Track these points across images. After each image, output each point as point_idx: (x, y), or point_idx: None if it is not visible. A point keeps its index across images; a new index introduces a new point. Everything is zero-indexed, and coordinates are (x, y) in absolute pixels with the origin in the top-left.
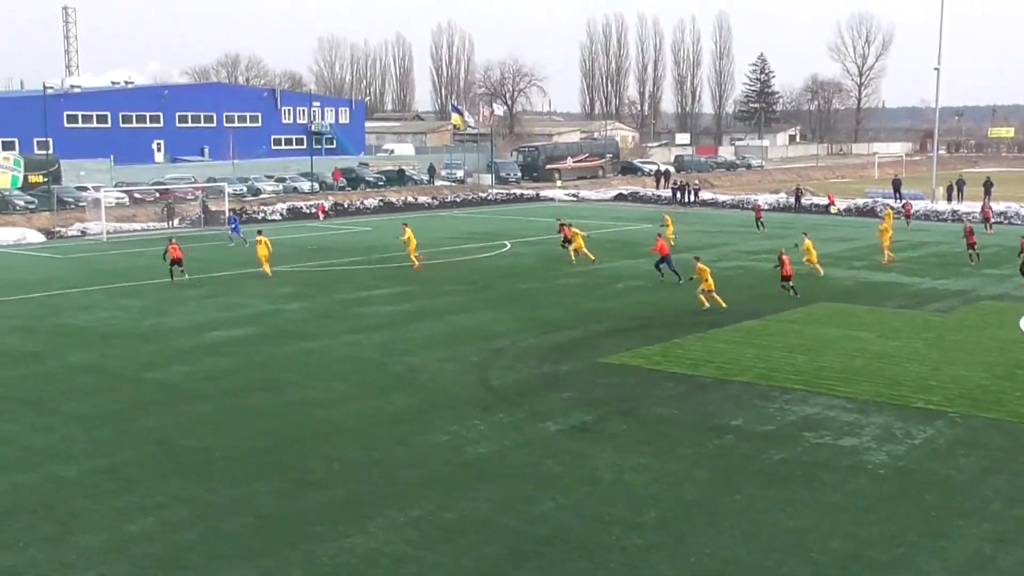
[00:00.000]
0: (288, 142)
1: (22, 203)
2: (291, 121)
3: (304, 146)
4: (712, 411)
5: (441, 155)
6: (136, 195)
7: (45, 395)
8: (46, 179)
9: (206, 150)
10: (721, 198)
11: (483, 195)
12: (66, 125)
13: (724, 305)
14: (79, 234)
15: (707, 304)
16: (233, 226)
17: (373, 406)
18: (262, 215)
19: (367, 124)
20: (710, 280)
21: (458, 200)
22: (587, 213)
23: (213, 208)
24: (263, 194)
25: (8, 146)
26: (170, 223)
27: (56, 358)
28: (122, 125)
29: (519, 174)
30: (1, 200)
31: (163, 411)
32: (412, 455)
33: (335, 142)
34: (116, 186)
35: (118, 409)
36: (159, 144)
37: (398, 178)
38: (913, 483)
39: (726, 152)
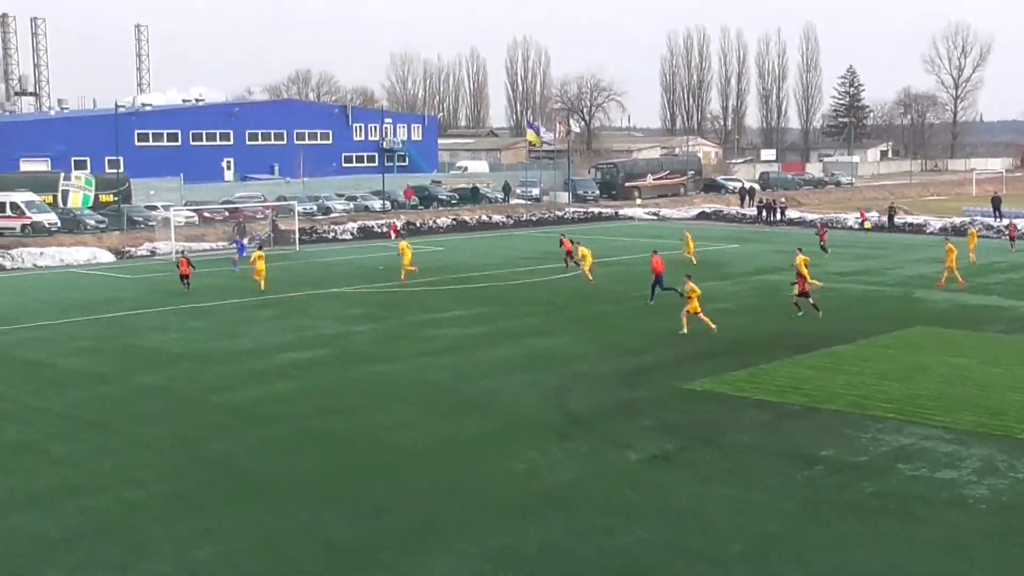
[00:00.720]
0: (359, 159)
1: (93, 222)
2: (362, 138)
3: (376, 163)
4: (800, 440)
5: (516, 172)
6: (205, 214)
7: (113, 417)
8: (116, 198)
9: (276, 168)
10: (809, 216)
11: (560, 214)
12: (137, 143)
13: (713, 327)
14: (148, 254)
15: (686, 329)
16: (240, 251)
17: (445, 431)
18: (332, 234)
19: (440, 141)
20: (696, 302)
21: (534, 219)
22: (668, 232)
23: (283, 227)
24: (334, 212)
25: (80, 165)
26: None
27: (124, 380)
28: (192, 143)
29: (597, 192)
30: (72, 219)
31: (231, 435)
32: (486, 482)
33: (407, 159)
34: (185, 205)
35: (186, 432)
36: (229, 162)
37: (472, 196)
38: (1017, 520)
39: (814, 169)
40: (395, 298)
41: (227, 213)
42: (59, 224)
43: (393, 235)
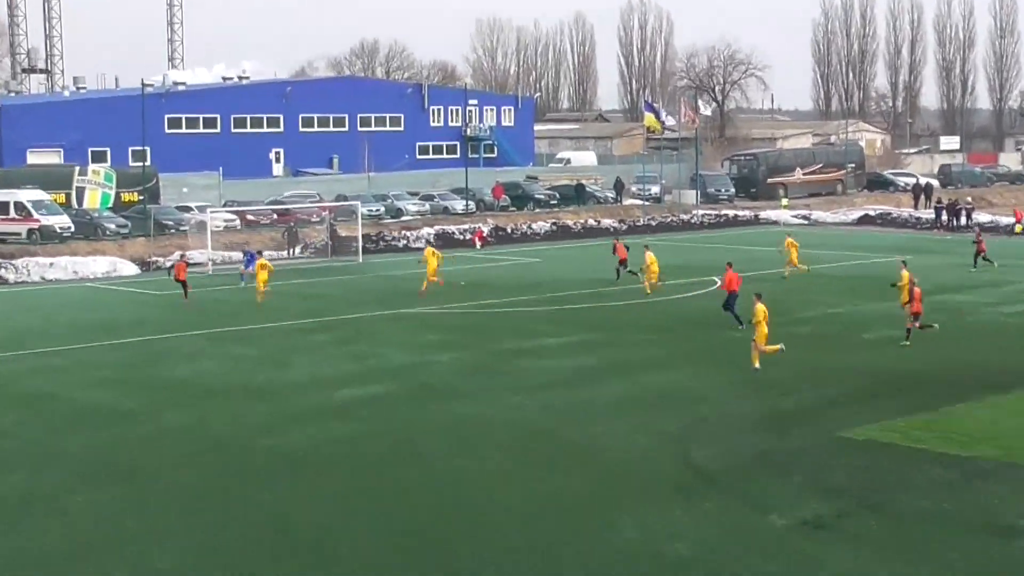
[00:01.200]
0: (438, 150)
1: (113, 227)
2: (441, 123)
3: (457, 155)
4: (995, 506)
5: (631, 166)
6: (249, 217)
7: (139, 463)
8: (142, 197)
9: (335, 160)
10: (1004, 220)
11: (685, 217)
12: (167, 131)
13: (757, 365)
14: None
15: (757, 364)
16: (249, 264)
17: (541, 486)
18: (404, 241)
19: (537, 127)
20: (764, 328)
21: (653, 224)
22: (821, 240)
23: (343, 233)
24: (406, 215)
25: (99, 157)
26: (291, 251)
27: (152, 418)
28: (234, 130)
29: (732, 190)
30: (89, 223)
31: (279, 485)
32: (589, 550)
33: (496, 150)
34: (225, 205)
35: (225, 482)
36: (278, 153)
37: (576, 195)
38: None
39: (1010, 160)
40: (480, 321)
41: (275, 216)
42: (73, 228)
43: (478, 243)
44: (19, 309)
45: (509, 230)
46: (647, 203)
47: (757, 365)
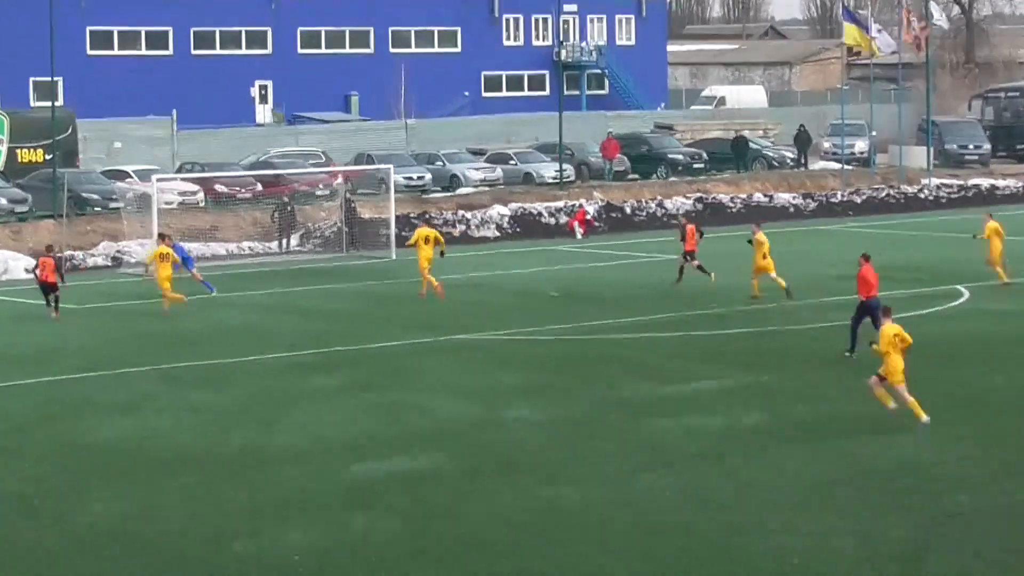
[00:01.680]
0: (513, 83)
1: (4, 202)
2: (521, 42)
3: (546, 91)
4: None
5: (822, 108)
6: (219, 187)
7: None
8: (50, 157)
9: (354, 100)
10: None
11: (910, 190)
12: (89, 52)
13: (892, 404)
14: (109, 263)
15: (891, 403)
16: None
17: None
18: (462, 228)
19: (671, 48)
20: (896, 360)
21: (857, 200)
22: None
23: (366, 214)
24: (464, 187)
25: None
26: (284, 242)
27: (60, 510)
28: (194, 52)
29: (986, 146)
30: None
31: None
32: None
33: (608, 83)
34: (181, 170)
35: None
36: (264, 88)
37: (735, 155)
38: None
39: None
40: (582, 353)
41: (259, 187)
42: None
43: (579, 230)
44: None
45: (628, 210)
46: (849, 168)
47: (892, 405)
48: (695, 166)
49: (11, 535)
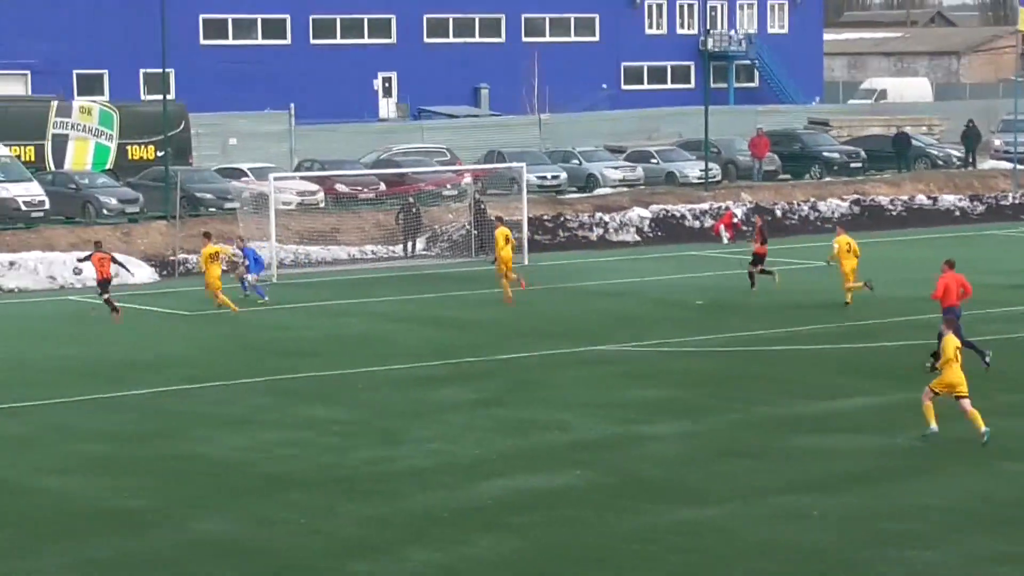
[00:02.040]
0: (655, 76)
1: (114, 202)
2: (664, 30)
3: (691, 84)
4: None
5: (993, 102)
6: (339, 187)
7: None
8: (162, 154)
9: (483, 93)
10: None
11: None
12: (203, 42)
13: (984, 429)
14: (224, 268)
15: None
16: (255, 265)
17: None
18: (600, 231)
19: (829, 36)
20: (953, 373)
21: None
22: None
23: (493, 214)
24: (603, 188)
25: (89, 84)
26: (409, 245)
27: (169, 524)
28: (313, 41)
29: None
30: (75, 196)
31: None
32: None
33: (758, 75)
34: (300, 168)
35: None
36: (387, 80)
37: (896, 153)
38: None
39: None
40: (728, 366)
41: (382, 187)
42: (47, 205)
43: (726, 235)
44: None
45: (778, 212)
46: (1021, 167)
47: (984, 429)
48: (852, 165)
49: (123, 549)
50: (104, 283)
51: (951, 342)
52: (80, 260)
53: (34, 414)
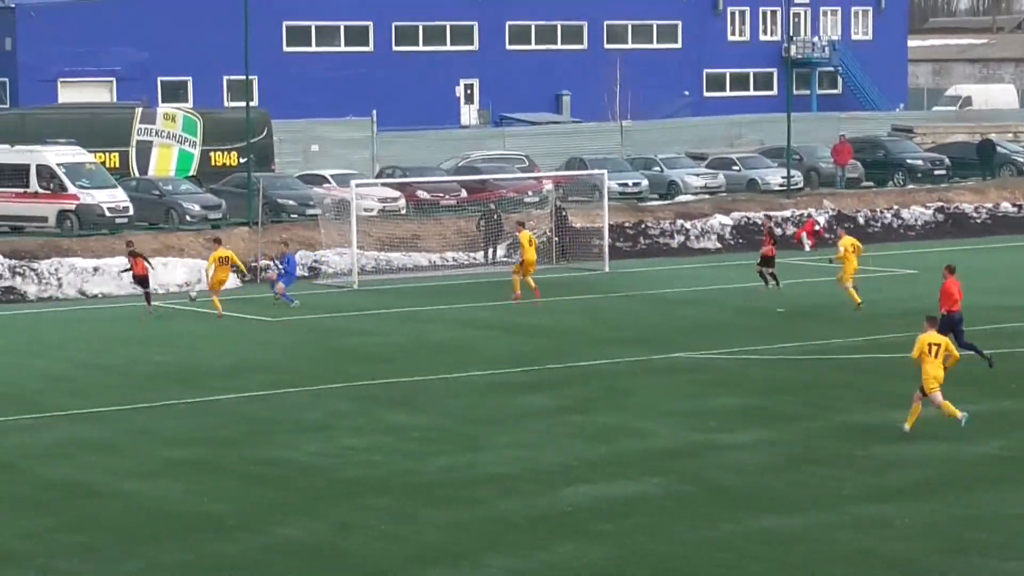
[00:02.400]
0: (738, 82)
1: (197, 208)
2: (747, 37)
3: (774, 91)
4: None
5: None
6: (420, 194)
7: None
8: (245, 160)
9: (565, 100)
10: None
11: None
12: (286, 49)
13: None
14: (305, 274)
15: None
16: (288, 272)
17: None
18: (681, 239)
19: (913, 43)
20: (927, 365)
21: None
22: None
23: (578, 223)
24: (684, 195)
25: (173, 92)
26: (490, 251)
27: (255, 530)
28: (396, 48)
29: None
30: (158, 202)
31: None
32: None
33: (841, 82)
34: (382, 175)
35: None
36: (469, 88)
37: (980, 161)
38: None
39: None
40: (810, 375)
41: (464, 193)
42: (131, 211)
43: (808, 242)
44: (42, 343)
45: (861, 220)
46: None
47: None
48: (936, 173)
49: (205, 553)
50: (142, 280)
51: (926, 338)
52: (123, 271)
53: (117, 419)
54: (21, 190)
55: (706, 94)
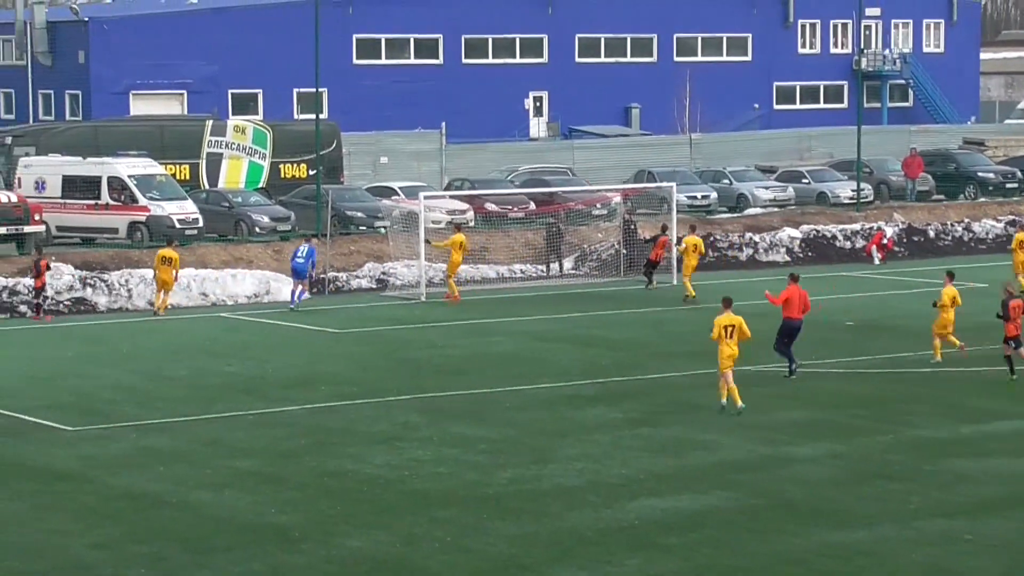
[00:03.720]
0: (808, 94)
1: (267, 220)
2: (817, 49)
3: (844, 103)
4: None
5: None
6: (489, 206)
7: None
8: (315, 172)
9: (634, 112)
10: None
11: None
12: (355, 62)
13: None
14: (374, 286)
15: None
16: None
17: None
18: (749, 252)
19: (984, 55)
20: (722, 345)
21: None
22: None
23: (646, 234)
24: (753, 208)
25: (244, 104)
26: (555, 264)
27: (323, 541)
28: (465, 61)
29: None
30: (228, 214)
31: None
32: None
33: (912, 95)
34: (449, 187)
35: None
36: (538, 100)
37: None
38: None
39: None
40: (879, 388)
41: (532, 206)
42: (201, 223)
43: (877, 255)
44: (111, 353)
45: (931, 233)
46: None
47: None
48: (1008, 186)
49: (274, 563)
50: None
51: (722, 320)
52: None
53: (186, 429)
54: (92, 202)
55: (776, 107)
